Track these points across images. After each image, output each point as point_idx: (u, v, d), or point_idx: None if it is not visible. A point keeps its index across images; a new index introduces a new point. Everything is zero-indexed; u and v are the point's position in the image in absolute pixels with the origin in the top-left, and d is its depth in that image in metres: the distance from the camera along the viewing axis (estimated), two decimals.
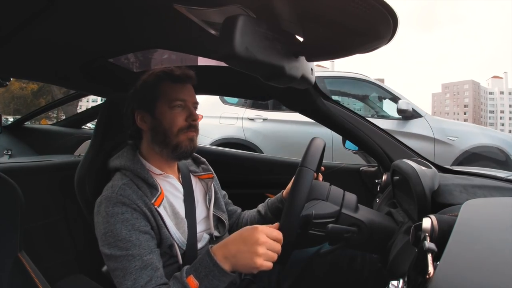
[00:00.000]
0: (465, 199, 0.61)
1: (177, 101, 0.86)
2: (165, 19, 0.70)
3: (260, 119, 3.30)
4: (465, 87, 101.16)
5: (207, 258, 0.70)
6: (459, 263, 0.42)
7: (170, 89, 0.86)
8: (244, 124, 3.28)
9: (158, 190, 0.82)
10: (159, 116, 0.86)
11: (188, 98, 0.88)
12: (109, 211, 0.76)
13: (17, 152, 2.52)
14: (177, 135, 0.86)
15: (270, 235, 0.70)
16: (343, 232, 0.82)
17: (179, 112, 0.86)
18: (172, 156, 0.88)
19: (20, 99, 20.18)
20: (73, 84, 1.24)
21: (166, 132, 0.85)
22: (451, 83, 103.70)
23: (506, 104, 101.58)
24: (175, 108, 0.86)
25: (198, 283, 0.69)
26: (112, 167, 0.88)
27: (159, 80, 0.87)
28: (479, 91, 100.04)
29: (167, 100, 0.86)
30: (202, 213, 0.94)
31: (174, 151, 0.86)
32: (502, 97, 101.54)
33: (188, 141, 0.87)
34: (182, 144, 0.86)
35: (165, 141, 0.86)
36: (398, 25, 0.51)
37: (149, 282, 0.72)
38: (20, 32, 0.69)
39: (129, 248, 0.74)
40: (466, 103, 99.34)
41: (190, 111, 0.87)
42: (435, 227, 0.52)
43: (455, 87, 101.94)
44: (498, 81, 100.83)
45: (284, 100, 1.22)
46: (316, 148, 0.83)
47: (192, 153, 0.91)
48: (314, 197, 0.84)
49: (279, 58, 0.57)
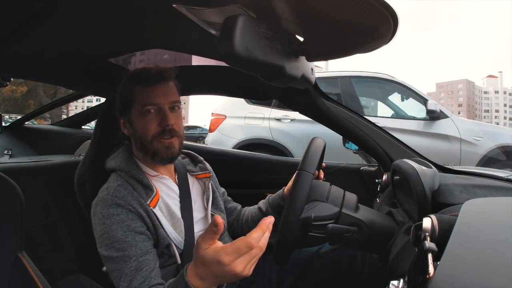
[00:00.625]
0: (465, 199, 0.61)
1: (147, 106, 0.81)
2: (165, 19, 0.70)
3: (288, 119, 3.22)
4: (459, 86, 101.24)
5: (182, 281, 0.62)
6: (460, 263, 0.42)
7: (140, 93, 0.82)
8: (271, 125, 3.20)
9: (153, 191, 0.82)
10: (134, 124, 0.84)
11: (161, 100, 0.82)
12: (105, 213, 0.76)
13: (17, 152, 2.52)
14: (152, 142, 0.82)
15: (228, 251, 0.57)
16: (343, 232, 0.82)
17: (151, 118, 0.82)
18: (153, 162, 0.86)
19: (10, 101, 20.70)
20: (74, 84, 1.25)
21: (141, 140, 0.83)
22: (446, 82, 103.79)
23: (501, 103, 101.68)
24: (146, 114, 0.82)
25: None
26: (108, 168, 0.88)
27: (132, 85, 0.84)
28: (473, 90, 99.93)
29: (139, 107, 0.82)
30: (200, 213, 0.93)
31: (153, 158, 0.84)
32: (497, 96, 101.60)
33: (164, 149, 0.83)
34: (159, 152, 0.83)
35: (143, 148, 0.84)
36: (398, 25, 0.51)
37: (143, 283, 0.72)
38: (20, 32, 0.69)
39: (125, 249, 0.74)
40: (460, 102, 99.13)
41: (163, 115, 0.82)
42: (435, 227, 0.52)
43: (450, 86, 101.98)
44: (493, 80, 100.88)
45: (285, 100, 1.22)
46: (316, 149, 0.83)
47: (173, 160, 0.87)
48: (313, 199, 0.84)
49: (279, 58, 0.57)
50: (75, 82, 1.18)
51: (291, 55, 0.60)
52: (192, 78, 1.13)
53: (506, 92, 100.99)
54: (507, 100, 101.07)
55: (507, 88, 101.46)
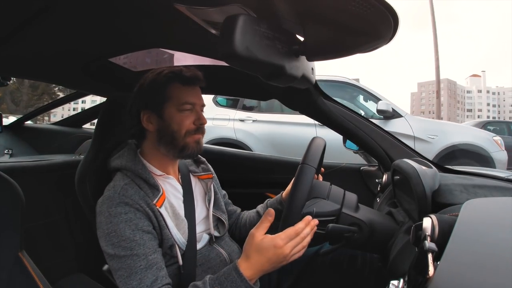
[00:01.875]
0: (465, 199, 0.61)
1: (186, 104, 0.85)
2: (166, 18, 0.70)
3: (250, 120, 3.51)
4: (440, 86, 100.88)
5: (234, 273, 0.70)
6: (460, 263, 0.42)
7: (179, 91, 0.86)
8: (235, 125, 3.49)
9: (159, 191, 0.82)
10: (167, 118, 0.85)
11: (197, 101, 0.88)
12: (112, 211, 0.76)
13: (17, 152, 2.52)
14: (185, 137, 0.85)
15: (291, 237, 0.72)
16: (343, 232, 0.82)
17: (187, 115, 0.86)
18: (178, 156, 0.89)
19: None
20: (74, 83, 1.25)
21: (173, 134, 0.85)
22: (427, 82, 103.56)
23: (484, 102, 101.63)
24: (184, 111, 0.85)
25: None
26: (113, 167, 0.88)
27: (168, 81, 0.86)
28: (455, 90, 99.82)
29: (176, 103, 0.85)
30: (202, 214, 0.93)
31: (181, 152, 0.86)
32: (480, 95, 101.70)
33: (195, 143, 0.87)
34: (189, 146, 0.86)
35: (173, 143, 0.85)
36: (399, 25, 0.51)
37: (155, 282, 0.72)
38: (21, 32, 0.69)
39: (133, 247, 0.74)
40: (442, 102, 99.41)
41: (198, 114, 0.87)
42: (435, 227, 0.52)
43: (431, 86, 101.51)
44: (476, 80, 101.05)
45: (285, 100, 1.22)
46: (317, 147, 0.84)
47: (198, 154, 0.92)
48: (314, 196, 0.84)
49: (279, 57, 0.57)
50: (76, 82, 1.18)
51: (291, 55, 0.60)
52: None
53: (490, 91, 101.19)
54: (490, 99, 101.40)
55: (490, 87, 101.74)
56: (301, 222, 0.74)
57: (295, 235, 0.72)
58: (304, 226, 0.73)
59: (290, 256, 0.71)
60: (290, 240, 0.71)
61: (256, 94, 1.34)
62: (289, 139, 3.32)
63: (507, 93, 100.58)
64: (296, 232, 0.72)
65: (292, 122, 3.38)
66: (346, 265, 0.99)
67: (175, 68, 0.88)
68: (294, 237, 0.72)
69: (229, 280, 0.70)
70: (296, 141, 3.21)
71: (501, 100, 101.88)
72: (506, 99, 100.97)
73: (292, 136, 3.33)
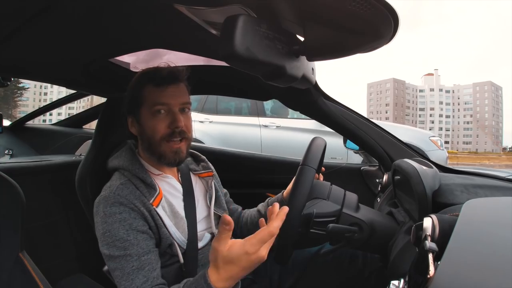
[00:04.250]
0: (466, 199, 0.61)
1: (157, 105, 0.81)
2: (166, 19, 0.70)
3: (208, 121, 3.91)
4: (387, 85, 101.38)
5: (203, 283, 0.64)
6: (460, 263, 0.42)
7: (151, 93, 0.82)
8: (195, 126, 3.70)
9: (156, 190, 0.82)
10: (143, 123, 0.83)
11: (172, 101, 0.82)
12: (107, 211, 0.76)
13: (18, 152, 2.53)
14: (160, 144, 0.82)
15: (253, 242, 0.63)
16: (344, 232, 0.82)
17: (161, 118, 0.81)
18: (158, 164, 0.87)
19: None
20: (74, 84, 1.25)
21: (149, 140, 0.83)
22: (375, 83, 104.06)
23: (436, 101, 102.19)
24: (156, 114, 0.81)
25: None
26: (111, 167, 0.88)
27: (141, 84, 0.84)
28: (403, 89, 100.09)
29: (148, 105, 0.82)
30: (203, 212, 0.93)
31: (159, 160, 0.84)
32: (432, 94, 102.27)
33: (172, 153, 0.82)
34: (166, 155, 0.82)
35: (150, 149, 0.84)
36: (399, 25, 0.51)
37: (145, 283, 0.72)
38: (21, 31, 0.69)
39: (127, 247, 0.74)
40: (388, 102, 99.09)
41: (173, 117, 0.82)
42: (436, 226, 0.52)
43: (379, 86, 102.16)
44: (430, 78, 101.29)
45: (285, 100, 1.22)
46: (317, 148, 0.84)
47: (180, 163, 0.87)
48: (315, 196, 0.84)
49: (280, 57, 0.57)
50: (76, 82, 1.18)
51: (291, 55, 0.60)
52: (192, 79, 1.14)
53: (443, 90, 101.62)
54: (444, 97, 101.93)
55: (444, 85, 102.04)
56: (276, 220, 0.65)
57: (269, 237, 0.63)
58: (280, 224, 0.65)
59: (266, 256, 0.63)
60: (263, 243, 0.63)
61: (256, 95, 1.34)
62: (238, 138, 3.79)
63: (462, 91, 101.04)
64: (270, 234, 0.64)
65: (241, 124, 3.88)
66: (346, 265, 0.99)
67: (149, 69, 0.86)
68: (268, 239, 0.63)
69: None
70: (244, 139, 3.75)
71: (455, 98, 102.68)
72: (461, 97, 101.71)
73: (241, 135, 3.82)
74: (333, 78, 77.86)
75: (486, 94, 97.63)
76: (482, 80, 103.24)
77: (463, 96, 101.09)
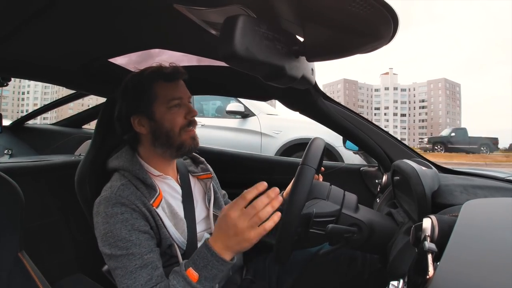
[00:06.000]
0: (465, 200, 0.61)
1: (174, 100, 0.85)
2: (166, 19, 0.70)
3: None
4: (338, 86, 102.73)
5: (205, 249, 0.71)
6: (460, 264, 0.42)
7: (164, 88, 0.85)
8: None
9: (156, 191, 0.82)
10: (159, 118, 0.85)
11: (183, 94, 0.87)
12: (108, 212, 0.76)
13: (17, 152, 2.53)
14: (180, 134, 0.85)
15: (240, 208, 0.69)
16: (343, 232, 0.82)
17: (177, 111, 0.85)
18: (175, 155, 0.88)
19: None
20: (74, 84, 1.25)
21: (168, 133, 0.85)
22: (328, 84, 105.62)
23: (391, 100, 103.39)
24: (173, 108, 0.85)
25: (197, 274, 0.69)
26: (111, 167, 0.88)
27: (152, 81, 0.85)
28: (355, 89, 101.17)
29: (164, 101, 0.85)
30: (202, 213, 0.93)
31: (178, 150, 0.86)
32: (387, 93, 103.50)
33: (190, 139, 0.87)
34: (186, 143, 0.86)
35: (169, 142, 0.85)
36: (398, 25, 0.51)
37: (149, 281, 0.72)
38: (21, 31, 0.69)
39: (129, 247, 0.74)
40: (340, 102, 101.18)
41: (187, 108, 0.87)
42: (435, 227, 0.52)
43: (331, 87, 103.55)
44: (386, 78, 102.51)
45: (285, 100, 1.22)
46: (317, 148, 0.83)
47: (195, 150, 0.91)
48: (314, 196, 0.84)
49: (279, 58, 0.57)
50: (75, 82, 1.18)
51: (291, 56, 0.60)
52: (192, 78, 1.14)
53: (398, 88, 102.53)
54: (399, 96, 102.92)
55: (399, 84, 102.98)
56: (263, 196, 0.71)
57: (242, 200, 0.69)
58: (266, 200, 0.70)
59: (246, 229, 0.68)
60: (239, 208, 0.69)
61: (255, 95, 1.34)
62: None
63: (418, 89, 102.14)
64: (242, 197, 0.70)
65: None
66: (346, 266, 0.99)
67: (154, 67, 0.88)
68: (242, 204, 0.69)
69: (200, 256, 0.71)
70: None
71: (411, 97, 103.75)
72: (417, 95, 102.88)
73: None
74: None
75: (440, 92, 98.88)
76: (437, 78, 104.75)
77: (418, 94, 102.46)
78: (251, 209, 0.69)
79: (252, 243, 0.69)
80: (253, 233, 0.68)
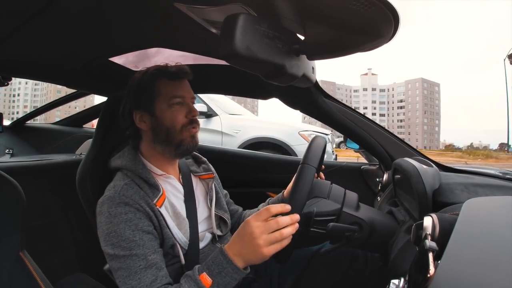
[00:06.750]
0: (466, 198, 0.61)
1: (175, 98, 0.85)
2: (166, 18, 0.69)
3: None
4: None
5: (220, 256, 0.71)
6: (460, 262, 0.42)
7: (167, 86, 0.86)
8: None
9: (159, 191, 0.82)
10: (159, 115, 0.85)
11: (186, 94, 0.88)
12: (112, 211, 0.76)
13: (18, 151, 2.53)
14: (181, 132, 0.86)
15: (262, 219, 0.70)
16: (344, 231, 0.82)
17: (178, 109, 0.86)
18: (175, 154, 0.88)
19: None
20: (74, 83, 1.25)
21: (168, 131, 0.85)
22: None
23: (369, 100, 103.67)
24: (174, 106, 0.85)
25: (211, 280, 0.69)
26: (113, 167, 0.88)
27: (155, 78, 0.86)
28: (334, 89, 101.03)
29: (165, 98, 0.85)
30: (204, 213, 0.94)
31: (177, 148, 0.86)
32: (365, 93, 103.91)
33: (190, 138, 0.87)
34: (185, 141, 0.86)
35: (168, 139, 0.86)
36: (399, 24, 0.51)
37: (154, 282, 0.72)
38: (21, 31, 0.69)
39: (132, 248, 0.74)
40: None
41: (189, 107, 0.87)
42: (436, 226, 0.52)
43: None
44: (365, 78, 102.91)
45: (285, 99, 1.22)
46: (318, 147, 0.83)
47: (194, 150, 0.91)
48: (315, 195, 0.85)
49: (280, 56, 0.57)
50: (76, 81, 1.18)
51: (292, 54, 0.60)
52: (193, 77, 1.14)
53: (377, 89, 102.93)
54: (377, 96, 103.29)
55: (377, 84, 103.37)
56: (287, 217, 0.70)
57: (266, 212, 0.70)
58: (288, 221, 0.70)
59: (262, 240, 0.68)
60: (261, 219, 0.70)
61: (256, 93, 1.34)
62: None
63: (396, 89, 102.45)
64: (267, 209, 0.71)
65: None
66: (347, 265, 0.99)
67: (160, 66, 0.89)
68: (265, 215, 0.70)
69: (216, 263, 0.71)
70: None
71: (390, 97, 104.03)
72: (395, 95, 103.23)
73: None
74: None
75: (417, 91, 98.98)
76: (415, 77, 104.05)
77: (397, 95, 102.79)
78: (274, 224, 0.69)
79: (265, 256, 0.69)
80: (265, 251, 0.69)
